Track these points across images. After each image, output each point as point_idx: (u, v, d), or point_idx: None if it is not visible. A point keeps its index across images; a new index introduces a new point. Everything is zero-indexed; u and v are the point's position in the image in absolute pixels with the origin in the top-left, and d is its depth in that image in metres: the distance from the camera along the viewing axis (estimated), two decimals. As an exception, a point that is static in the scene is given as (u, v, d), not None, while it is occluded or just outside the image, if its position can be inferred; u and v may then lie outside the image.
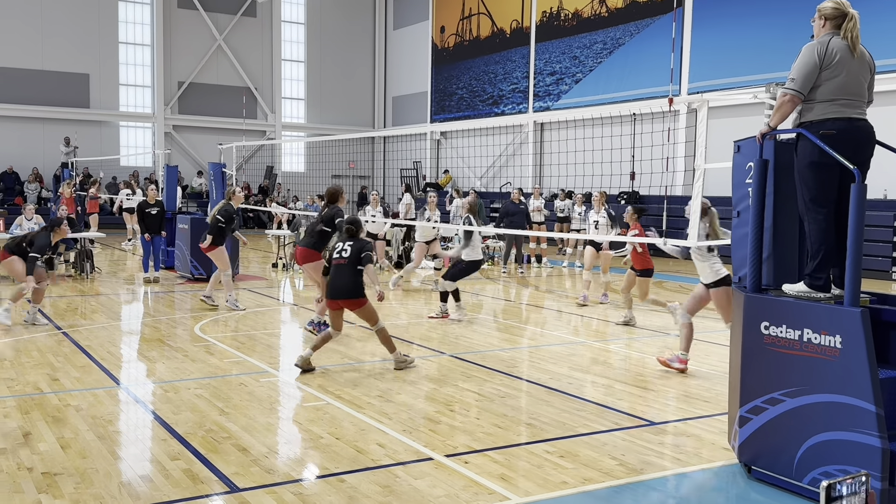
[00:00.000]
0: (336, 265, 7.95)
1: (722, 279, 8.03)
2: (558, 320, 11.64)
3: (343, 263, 7.91)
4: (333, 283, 7.92)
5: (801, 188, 5.12)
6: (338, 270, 7.92)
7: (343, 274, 7.88)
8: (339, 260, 7.94)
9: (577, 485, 5.05)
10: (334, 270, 7.96)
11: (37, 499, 4.67)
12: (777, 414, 4.93)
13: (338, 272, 7.92)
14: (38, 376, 7.55)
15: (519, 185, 25.93)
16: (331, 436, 5.94)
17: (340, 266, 7.92)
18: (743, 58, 20.90)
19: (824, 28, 5.10)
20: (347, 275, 7.87)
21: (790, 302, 4.93)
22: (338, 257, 7.96)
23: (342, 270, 7.89)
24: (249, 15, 33.44)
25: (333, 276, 7.95)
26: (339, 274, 7.90)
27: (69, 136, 28.86)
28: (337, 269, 7.93)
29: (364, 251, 7.98)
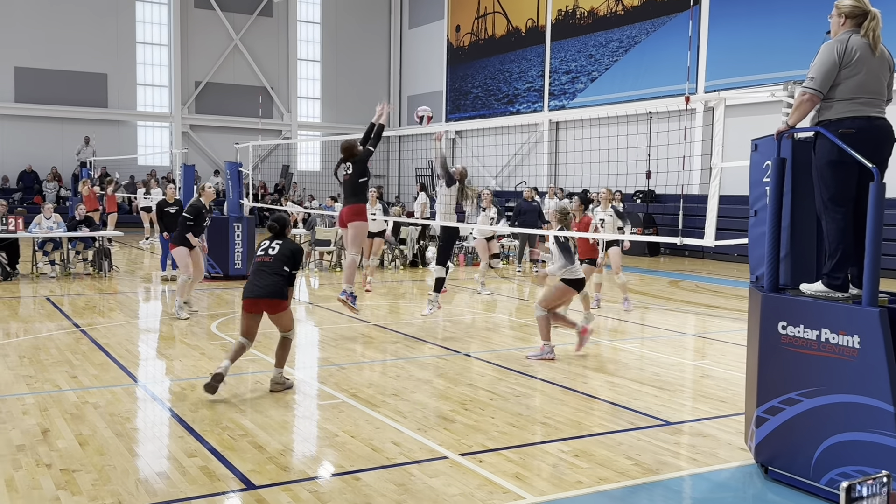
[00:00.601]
0: (260, 262, 7.15)
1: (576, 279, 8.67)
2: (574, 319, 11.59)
3: (268, 262, 7.11)
4: (253, 282, 7.10)
5: (819, 187, 5.08)
6: (261, 268, 7.11)
7: (266, 273, 7.06)
8: (263, 257, 7.15)
9: (593, 484, 5.04)
10: (256, 268, 7.16)
11: (55, 495, 4.71)
12: (794, 414, 4.90)
13: (261, 270, 7.10)
14: (56, 374, 7.61)
15: (534, 184, 25.90)
16: (346, 434, 5.96)
17: (265, 264, 7.12)
18: (760, 56, 20.75)
19: (844, 26, 5.05)
20: (271, 274, 7.05)
21: (808, 302, 4.89)
22: (262, 254, 7.18)
23: (266, 268, 7.08)
24: (266, 15, 33.57)
25: (255, 274, 7.13)
26: (262, 273, 7.07)
27: (88, 135, 29.10)
28: (261, 266, 7.13)
29: (297, 255, 7.22)
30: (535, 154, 28.73)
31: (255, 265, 7.18)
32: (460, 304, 12.83)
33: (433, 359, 8.64)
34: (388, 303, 12.71)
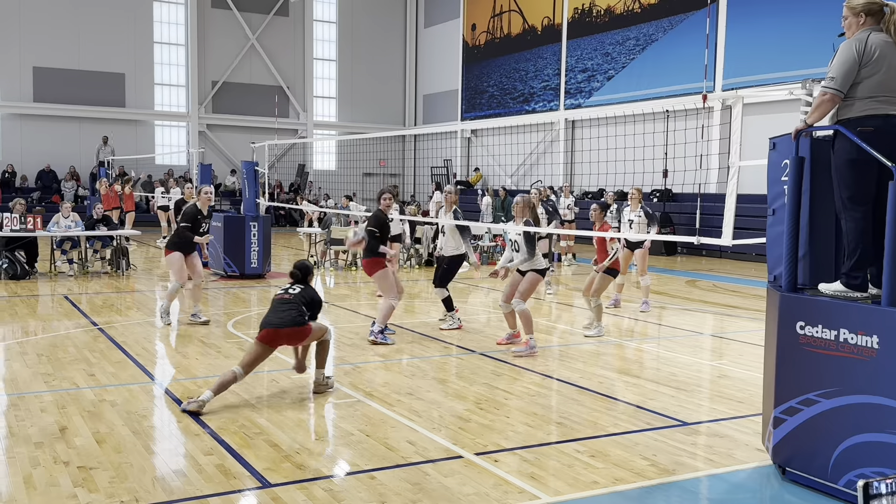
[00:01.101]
0: (279, 299, 7.02)
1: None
2: (589, 319, 11.55)
3: (287, 298, 6.98)
4: (272, 314, 6.90)
5: (838, 186, 5.03)
6: (280, 304, 6.96)
7: (285, 307, 6.89)
8: (282, 295, 7.04)
9: (608, 485, 5.02)
10: (275, 304, 7.00)
11: (72, 492, 4.75)
12: (812, 415, 4.86)
13: (279, 305, 6.95)
14: (74, 372, 7.67)
15: (550, 182, 25.83)
16: (361, 433, 5.96)
17: (284, 300, 6.97)
18: (778, 54, 20.60)
19: (863, 24, 5.00)
20: (289, 309, 6.88)
21: (826, 301, 4.85)
22: (282, 293, 7.07)
23: (285, 304, 6.93)
24: (282, 14, 33.68)
25: (273, 309, 6.96)
26: (281, 307, 6.91)
27: (107, 135, 29.31)
28: (280, 302, 6.99)
29: (316, 304, 7.11)
30: (551, 153, 28.66)
31: (274, 302, 7.00)
32: (475, 304, 12.82)
33: (448, 358, 8.64)
34: (403, 302, 12.70)
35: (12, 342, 9.08)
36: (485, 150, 32.41)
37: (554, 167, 28.03)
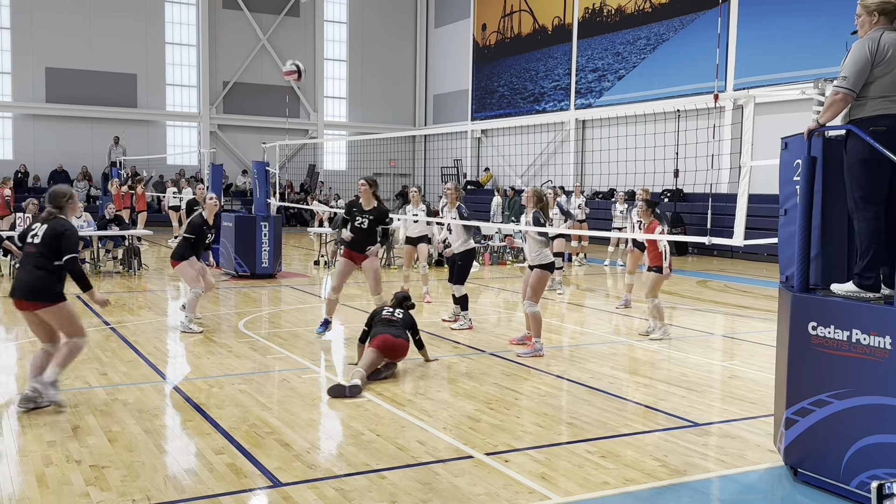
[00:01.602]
0: (388, 319, 7.92)
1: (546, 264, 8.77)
2: (599, 319, 11.55)
3: (395, 320, 7.88)
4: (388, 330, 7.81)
5: (850, 186, 5.01)
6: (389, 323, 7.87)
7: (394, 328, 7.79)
8: (390, 317, 7.96)
9: (619, 485, 5.01)
10: (387, 322, 7.90)
11: (85, 491, 4.77)
12: (824, 416, 4.84)
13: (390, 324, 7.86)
14: (86, 371, 7.71)
15: (560, 183, 25.80)
16: (371, 432, 5.97)
17: (393, 322, 7.88)
18: (790, 53, 20.51)
19: (875, 23, 4.98)
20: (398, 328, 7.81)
21: (838, 302, 4.83)
22: (389, 315, 7.96)
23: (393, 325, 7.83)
24: (293, 15, 33.76)
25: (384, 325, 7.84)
26: (393, 325, 7.83)
27: (118, 135, 29.44)
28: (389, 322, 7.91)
29: (415, 327, 8.08)
30: (562, 153, 28.62)
31: (384, 319, 7.83)
32: (485, 304, 12.81)
33: (458, 358, 8.64)
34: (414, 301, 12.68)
35: (25, 341, 9.14)
36: (495, 150, 32.39)
37: (564, 167, 27.99)
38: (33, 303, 6.27)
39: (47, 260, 6.27)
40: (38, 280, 6.26)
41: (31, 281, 6.27)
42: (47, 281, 6.27)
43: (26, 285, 6.28)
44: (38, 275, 6.27)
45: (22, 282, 6.31)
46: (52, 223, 6.37)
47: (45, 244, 6.28)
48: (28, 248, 6.37)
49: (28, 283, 6.28)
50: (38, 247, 6.29)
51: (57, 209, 6.47)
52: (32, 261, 6.31)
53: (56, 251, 6.27)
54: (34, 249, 6.31)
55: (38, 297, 6.25)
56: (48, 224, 6.36)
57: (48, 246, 6.27)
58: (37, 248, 6.29)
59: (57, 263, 6.28)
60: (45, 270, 6.28)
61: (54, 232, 6.30)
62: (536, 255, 8.80)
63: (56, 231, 6.30)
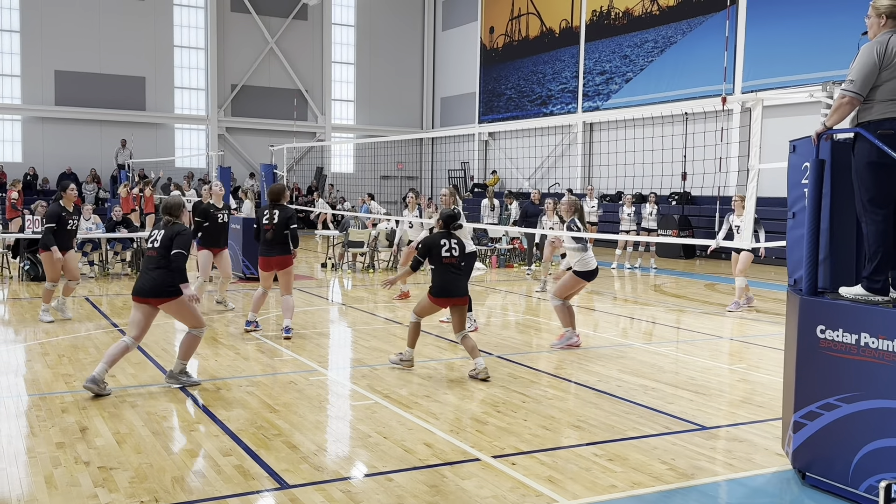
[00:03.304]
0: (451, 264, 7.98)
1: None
2: (607, 322, 11.54)
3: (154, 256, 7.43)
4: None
5: (858, 189, 5.00)
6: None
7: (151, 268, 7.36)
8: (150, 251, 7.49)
9: (626, 489, 5.00)
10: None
11: (93, 492, 4.79)
12: (833, 419, 4.82)
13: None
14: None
15: (568, 185, 25.78)
16: (379, 435, 5.98)
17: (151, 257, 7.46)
18: (798, 56, 20.47)
19: (884, 26, 4.97)
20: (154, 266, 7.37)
21: (847, 305, 4.81)
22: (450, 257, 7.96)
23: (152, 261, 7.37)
24: (300, 18, 33.84)
25: None
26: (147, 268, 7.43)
27: (126, 138, 29.55)
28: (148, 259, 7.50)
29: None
30: (569, 156, 28.61)
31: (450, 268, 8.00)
32: (492, 307, 12.81)
33: (465, 360, 8.63)
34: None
35: (34, 343, 9.18)
36: (502, 152, 32.39)
37: (572, 170, 27.97)
38: (158, 298, 7.01)
39: (165, 260, 7.02)
40: (159, 277, 6.99)
41: (157, 279, 7.00)
42: (167, 278, 6.99)
43: (152, 285, 7.01)
44: (159, 273, 7.01)
45: (144, 281, 7.06)
46: (170, 229, 7.13)
47: (164, 246, 7.05)
48: (149, 251, 7.19)
49: (153, 282, 7.01)
50: (158, 250, 7.07)
51: (174, 217, 7.26)
52: (154, 262, 7.07)
53: (170, 250, 7.02)
54: (154, 253, 7.11)
55: (161, 294, 6.99)
56: (165, 230, 7.14)
57: (167, 247, 7.04)
58: (157, 252, 7.08)
59: (172, 253, 7.00)
60: (165, 269, 7.01)
61: (170, 235, 7.08)
62: (577, 260, 8.89)
63: (171, 234, 7.09)
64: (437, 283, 7.90)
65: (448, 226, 8.04)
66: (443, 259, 7.86)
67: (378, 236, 17.52)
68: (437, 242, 7.93)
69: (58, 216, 10.10)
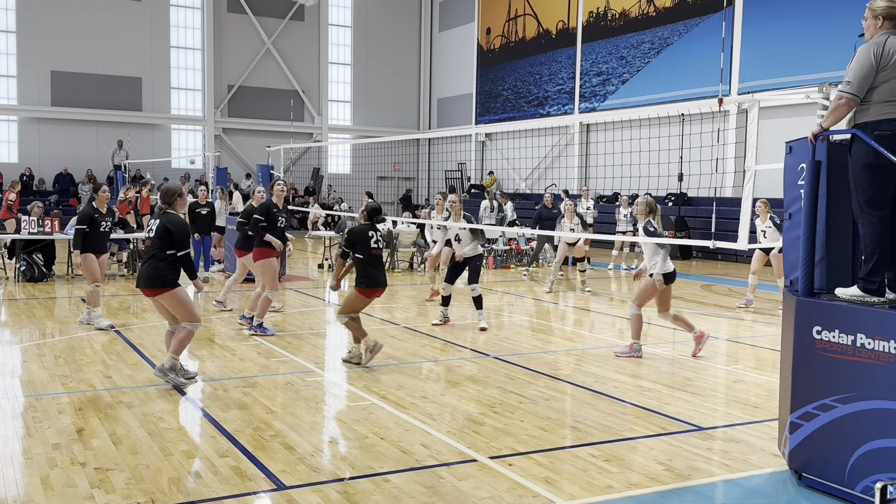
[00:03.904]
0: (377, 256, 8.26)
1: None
2: (604, 323, 11.54)
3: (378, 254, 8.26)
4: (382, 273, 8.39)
5: (855, 190, 5.01)
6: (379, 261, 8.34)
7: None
8: (377, 251, 8.22)
9: (623, 489, 5.00)
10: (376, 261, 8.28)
11: (89, 493, 4.78)
12: (829, 420, 4.83)
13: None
14: (91, 374, 7.72)
15: (564, 186, 25.79)
16: (375, 436, 5.97)
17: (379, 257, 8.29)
18: (795, 57, 20.50)
19: (880, 28, 4.98)
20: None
21: (843, 306, 4.82)
22: (377, 248, 8.20)
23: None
24: (297, 19, 33.83)
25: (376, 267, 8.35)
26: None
27: (122, 138, 29.51)
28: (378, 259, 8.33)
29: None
30: (566, 157, 28.63)
31: (374, 259, 8.18)
32: (489, 308, 12.81)
33: (462, 361, 8.64)
34: (417, 305, 12.73)
35: (30, 344, 9.16)
36: (499, 153, 32.40)
37: (569, 171, 27.99)
38: (151, 290, 7.08)
39: (160, 251, 7.06)
40: (153, 269, 7.05)
41: (147, 271, 7.09)
42: (161, 270, 7.04)
43: (144, 275, 7.11)
44: (153, 264, 7.07)
45: (141, 272, 7.18)
46: (163, 218, 7.13)
47: (158, 237, 7.09)
48: (147, 241, 7.33)
49: (145, 273, 7.11)
50: (153, 240, 7.13)
51: (167, 205, 7.22)
52: (149, 252, 7.16)
53: (168, 244, 7.04)
54: (150, 243, 7.23)
55: (153, 285, 7.05)
56: (160, 219, 7.14)
57: (162, 239, 7.06)
58: (152, 242, 7.15)
59: (169, 253, 7.05)
60: (158, 260, 7.07)
61: (165, 227, 7.07)
62: (654, 264, 8.65)
63: (166, 226, 7.06)
64: (366, 275, 8.08)
65: (372, 218, 8.23)
66: (372, 251, 8.05)
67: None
68: (365, 234, 8.10)
69: (90, 218, 9.95)
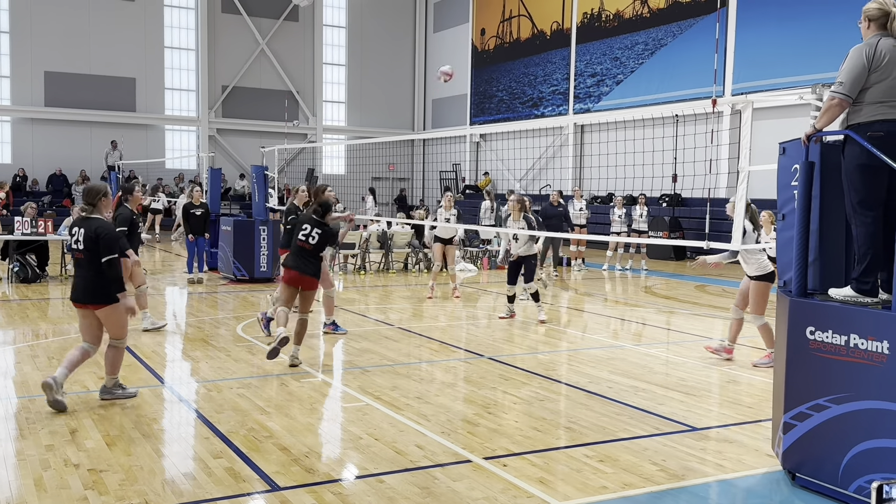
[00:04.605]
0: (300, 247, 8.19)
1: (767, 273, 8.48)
2: (597, 323, 11.56)
3: (309, 249, 8.19)
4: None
5: (848, 191, 5.02)
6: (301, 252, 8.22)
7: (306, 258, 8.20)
8: (304, 244, 8.16)
9: (617, 490, 5.01)
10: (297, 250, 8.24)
11: (83, 495, 4.77)
12: (822, 420, 4.84)
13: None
14: (85, 375, 7.69)
15: (559, 187, 25.81)
16: (370, 436, 5.97)
17: (305, 249, 8.19)
18: (788, 58, 20.56)
19: (870, 30, 5.02)
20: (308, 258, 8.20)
21: (836, 307, 4.84)
22: (303, 241, 8.15)
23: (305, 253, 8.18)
24: (292, 19, 33.79)
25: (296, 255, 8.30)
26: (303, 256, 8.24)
27: (116, 139, 29.44)
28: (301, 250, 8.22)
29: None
30: (560, 157, 28.65)
31: (297, 248, 8.18)
32: (484, 308, 12.81)
33: (457, 362, 8.64)
34: (412, 306, 12.72)
35: (23, 345, 9.13)
36: (494, 154, 32.42)
37: (563, 171, 28.02)
38: (94, 304, 6.54)
39: (94, 262, 6.45)
40: (90, 283, 6.49)
41: (85, 285, 6.51)
42: (102, 282, 6.47)
43: (83, 289, 6.54)
44: (90, 277, 6.48)
45: (78, 286, 6.58)
46: (87, 224, 6.50)
47: (87, 249, 6.45)
48: (76, 254, 6.57)
49: (83, 286, 6.53)
50: (84, 253, 6.46)
51: (90, 207, 6.59)
52: (83, 266, 6.53)
53: (98, 253, 6.43)
54: (81, 256, 6.51)
55: (94, 300, 6.51)
56: (84, 227, 6.49)
57: (91, 250, 6.44)
58: (83, 255, 6.47)
59: (104, 261, 6.44)
60: (96, 272, 6.47)
61: (90, 235, 6.45)
62: (753, 265, 8.51)
63: (91, 234, 6.44)
64: (287, 259, 8.28)
65: (322, 213, 8.26)
66: (297, 240, 8.15)
67: (369, 238, 17.52)
68: (301, 224, 8.23)
69: (130, 220, 9.89)
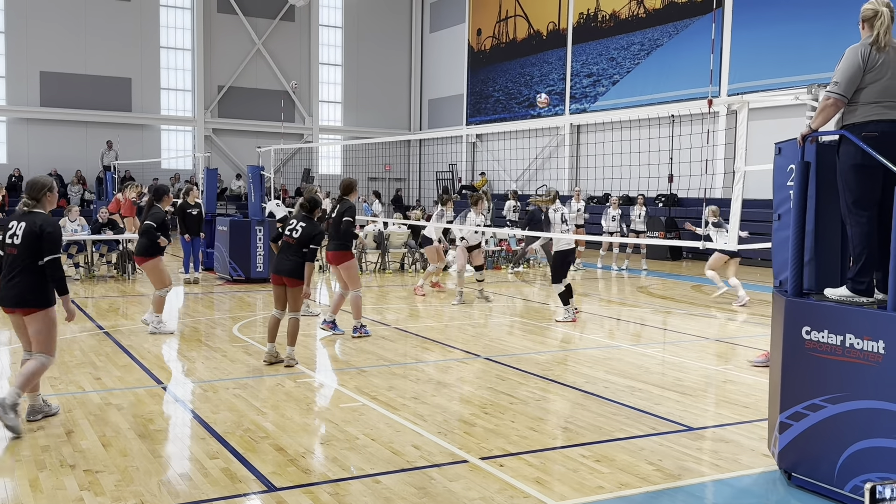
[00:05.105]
0: (285, 243, 8.34)
1: None
2: (594, 323, 11.56)
3: (292, 243, 8.25)
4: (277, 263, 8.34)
5: (843, 191, 5.03)
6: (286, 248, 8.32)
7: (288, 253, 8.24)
8: (288, 238, 8.30)
9: (614, 490, 5.01)
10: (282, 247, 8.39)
11: (79, 495, 4.76)
12: (818, 420, 4.85)
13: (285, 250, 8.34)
14: (80, 375, 7.69)
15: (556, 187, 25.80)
16: (366, 437, 5.97)
17: (289, 245, 8.28)
18: (784, 58, 20.59)
19: (864, 31, 5.04)
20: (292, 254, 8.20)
21: (832, 306, 4.85)
22: (288, 235, 8.32)
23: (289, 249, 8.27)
24: (288, 19, 33.77)
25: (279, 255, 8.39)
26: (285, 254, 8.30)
27: (111, 139, 29.39)
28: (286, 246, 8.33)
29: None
30: (557, 158, 28.67)
31: (282, 244, 8.34)
32: (482, 308, 12.81)
33: (453, 362, 8.64)
34: (408, 306, 12.73)
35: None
36: (490, 154, 32.43)
37: (559, 172, 28.03)
38: (23, 309, 5.93)
39: (31, 262, 5.82)
40: (23, 284, 5.83)
41: (18, 288, 5.85)
42: (37, 285, 5.85)
43: (13, 293, 5.87)
44: (24, 279, 5.84)
45: (7, 288, 5.89)
46: (30, 219, 5.88)
47: (25, 246, 5.81)
48: (9, 249, 5.87)
49: (14, 288, 5.86)
50: (19, 248, 5.82)
51: (33, 201, 5.96)
52: (17, 264, 5.85)
53: (38, 251, 5.82)
54: (15, 251, 5.84)
55: (26, 304, 5.88)
56: (25, 221, 5.87)
57: (30, 247, 5.80)
58: (17, 250, 5.82)
59: (41, 264, 5.84)
60: (32, 273, 5.84)
61: (32, 231, 5.81)
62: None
63: (34, 230, 5.81)
64: (274, 259, 8.46)
65: (310, 208, 8.42)
66: (284, 236, 8.32)
67: (366, 238, 17.51)
68: (289, 221, 8.43)
69: (162, 220, 9.87)
